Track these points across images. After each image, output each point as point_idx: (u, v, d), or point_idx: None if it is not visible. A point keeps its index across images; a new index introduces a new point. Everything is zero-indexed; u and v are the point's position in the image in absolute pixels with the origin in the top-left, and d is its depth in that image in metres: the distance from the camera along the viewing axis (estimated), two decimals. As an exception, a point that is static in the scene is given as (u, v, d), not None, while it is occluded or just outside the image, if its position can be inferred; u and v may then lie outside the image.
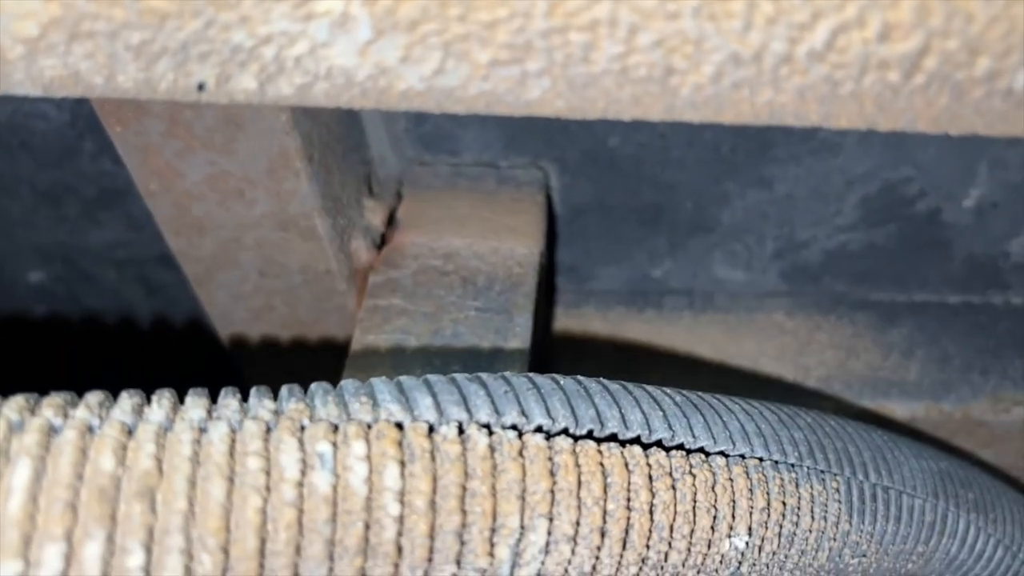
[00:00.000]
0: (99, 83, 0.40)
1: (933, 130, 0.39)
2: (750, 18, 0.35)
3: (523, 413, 0.49)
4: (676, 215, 0.85)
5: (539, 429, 0.49)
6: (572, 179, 0.83)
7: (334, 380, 0.75)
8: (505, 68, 0.37)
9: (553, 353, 0.89)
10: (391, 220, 0.80)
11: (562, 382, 0.53)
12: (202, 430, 0.43)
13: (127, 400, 0.43)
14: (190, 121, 0.62)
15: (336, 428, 0.44)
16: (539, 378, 0.53)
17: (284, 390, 0.48)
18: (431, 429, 0.46)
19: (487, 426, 0.47)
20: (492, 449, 0.46)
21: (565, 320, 0.91)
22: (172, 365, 1.10)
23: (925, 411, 0.82)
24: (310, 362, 0.81)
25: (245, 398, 0.48)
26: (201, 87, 0.40)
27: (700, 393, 0.60)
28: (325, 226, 0.69)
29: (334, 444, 0.43)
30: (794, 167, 0.80)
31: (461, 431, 0.46)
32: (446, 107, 0.40)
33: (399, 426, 0.45)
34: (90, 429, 0.41)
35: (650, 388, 0.57)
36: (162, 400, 0.44)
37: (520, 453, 0.46)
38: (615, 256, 0.89)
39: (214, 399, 0.47)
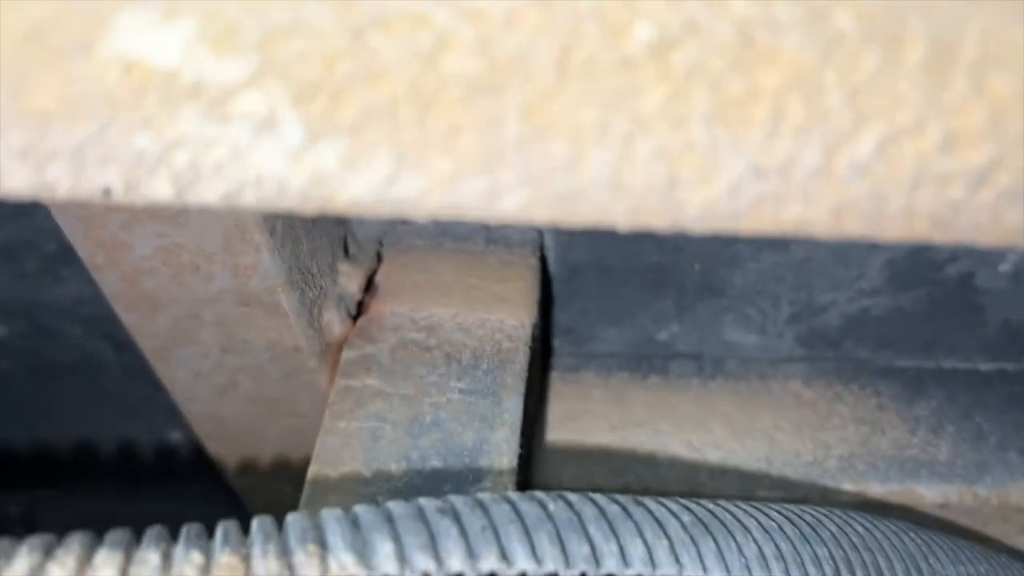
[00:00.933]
0: (-15, 187, 0.33)
1: (998, 244, 0.32)
2: (776, 125, 0.28)
3: (503, 556, 0.41)
4: (683, 277, 0.77)
5: (521, 576, 0.42)
6: (569, 239, 0.76)
7: (303, 464, 0.68)
8: (472, 179, 0.30)
9: (548, 425, 0.81)
10: (369, 284, 0.73)
11: (551, 508, 0.46)
12: (111, 599, 0.35)
13: (24, 559, 0.36)
14: (135, 192, 0.55)
15: (275, 591, 0.37)
16: (524, 503, 0.46)
17: (219, 531, 0.40)
18: (391, 585, 0.39)
19: (459, 577, 0.40)
20: (464, 609, 0.39)
21: (562, 386, 0.84)
22: (142, 424, 1.03)
23: (958, 495, 0.75)
24: (279, 442, 0.74)
25: (175, 531, 0.41)
26: (107, 192, 0.33)
27: (710, 505, 0.52)
28: (291, 301, 0.62)
29: (272, 614, 0.36)
30: (813, 228, 0.72)
31: (428, 585, 0.39)
32: (405, 215, 0.33)
33: (352, 584, 0.38)
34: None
35: (652, 505, 0.49)
36: (67, 559, 0.36)
37: (498, 612, 0.39)
38: (617, 317, 0.82)
39: (139, 537, 0.40)
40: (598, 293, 0.80)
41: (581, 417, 0.82)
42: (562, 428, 0.81)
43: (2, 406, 1.04)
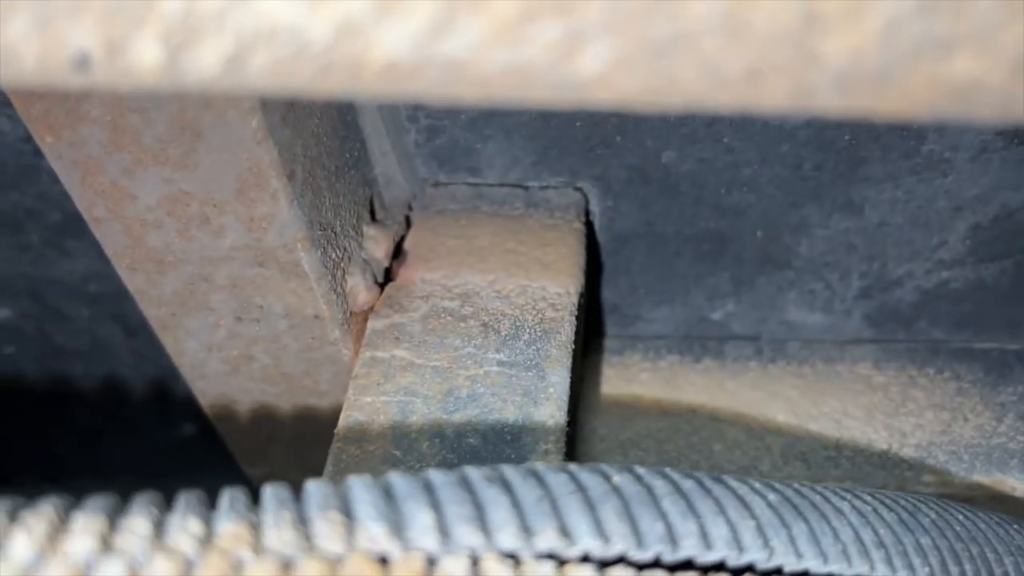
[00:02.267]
0: (-67, 55, 0.27)
1: None
2: (957, -70, 0.21)
3: (564, 532, 0.34)
4: (742, 246, 0.70)
5: (586, 557, 0.34)
6: (616, 202, 0.69)
7: (324, 448, 0.61)
8: (544, 24, 0.24)
9: (592, 410, 0.74)
10: (397, 251, 0.66)
11: (615, 479, 0.38)
12: (86, 573, 0.28)
13: (-15, 524, 0.29)
14: (137, 128, 0.49)
15: (289, 566, 0.30)
16: (585, 474, 0.38)
17: (225, 498, 0.33)
18: (430, 563, 0.32)
19: (512, 555, 0.33)
20: (519, 593, 0.32)
21: (606, 370, 0.77)
22: (154, 412, 0.96)
23: (1054, 489, 0.67)
24: (297, 423, 0.68)
25: (171, 498, 0.35)
26: (84, 60, 0.27)
27: (797, 486, 0.45)
28: (312, 261, 0.56)
29: (284, 594, 0.29)
30: (891, 189, 0.65)
31: (474, 563, 0.32)
32: (453, 90, 0.26)
33: (383, 560, 0.31)
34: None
35: (733, 483, 0.42)
36: (36, 524, 0.30)
37: (560, 598, 0.32)
38: (667, 294, 0.75)
39: (127, 503, 0.33)
40: (647, 266, 0.73)
41: (628, 403, 0.75)
42: (607, 414, 0.74)
43: (6, 394, 0.98)
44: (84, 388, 0.96)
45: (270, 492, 0.34)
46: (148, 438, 0.98)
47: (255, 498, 0.35)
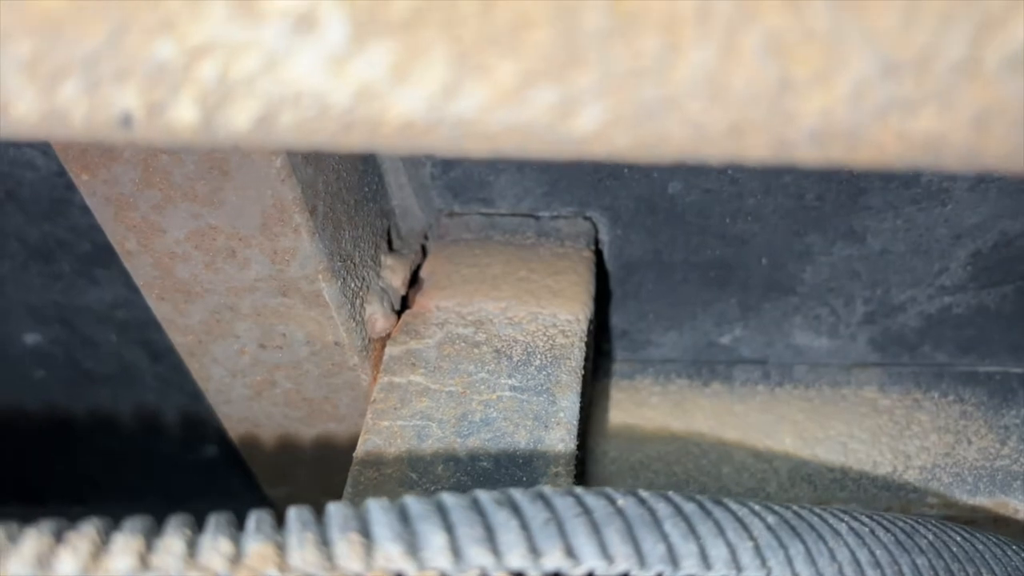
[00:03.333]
0: (-9, 116, 0.30)
1: None
2: (913, 11, 0.23)
3: (570, 552, 0.36)
4: (748, 273, 0.72)
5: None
6: (625, 231, 0.71)
7: (343, 470, 0.63)
8: (543, 89, 0.26)
9: (602, 434, 0.76)
10: (413, 280, 0.69)
11: (620, 502, 0.40)
12: (126, 589, 0.31)
13: (31, 544, 0.32)
14: (167, 168, 0.52)
15: (312, 583, 0.32)
16: (590, 497, 0.41)
17: (252, 520, 0.36)
18: (443, 581, 0.34)
19: (520, 575, 0.35)
20: (527, 609, 0.34)
21: (616, 393, 0.79)
22: (177, 435, 0.99)
23: (1057, 510, 0.68)
24: (317, 446, 0.70)
25: (202, 520, 0.37)
26: (127, 120, 0.29)
27: (795, 508, 0.47)
28: (332, 291, 0.58)
29: (308, 609, 0.31)
30: (891, 218, 0.67)
31: (485, 582, 0.34)
32: (462, 145, 0.29)
33: (399, 578, 0.33)
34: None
35: (733, 505, 0.44)
36: (80, 542, 0.32)
37: (565, 614, 0.34)
38: (676, 320, 0.77)
39: (161, 525, 0.35)
40: (656, 293, 0.75)
41: (638, 426, 0.77)
42: (617, 437, 0.76)
43: (38, 417, 1.01)
44: (111, 412, 0.99)
45: (294, 514, 0.36)
46: (172, 461, 1.01)
47: (280, 519, 0.37)
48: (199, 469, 1.00)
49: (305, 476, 0.74)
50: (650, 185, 0.67)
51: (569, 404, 0.59)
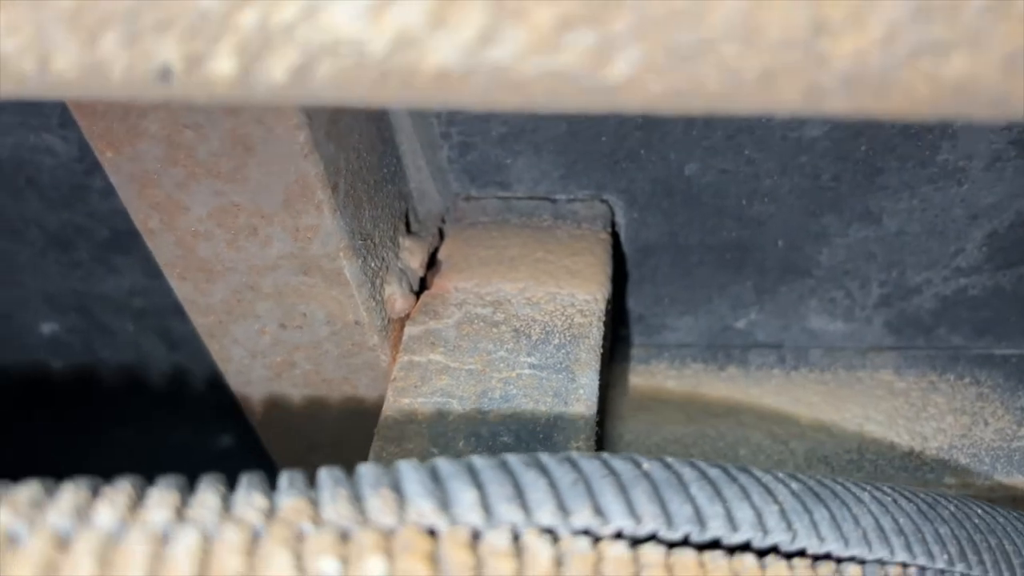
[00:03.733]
0: (32, 70, 0.30)
1: None
2: (948, -56, 0.24)
3: (598, 511, 0.37)
4: (764, 256, 0.72)
5: (619, 534, 0.37)
6: (641, 213, 0.71)
7: (363, 451, 0.64)
8: (579, 33, 0.26)
9: (619, 417, 0.76)
10: (431, 262, 0.69)
11: (646, 466, 0.41)
12: (164, 539, 0.31)
13: (67, 497, 0.32)
14: (192, 144, 0.52)
15: (346, 536, 0.32)
16: (617, 460, 0.41)
17: (283, 479, 0.36)
18: (475, 536, 0.34)
19: (550, 531, 0.35)
20: (558, 563, 0.34)
21: (633, 378, 0.79)
22: (192, 424, 1.00)
23: (1075, 490, 0.68)
24: (336, 427, 0.70)
25: (233, 479, 0.38)
26: (166, 74, 0.30)
27: (819, 477, 0.47)
28: (353, 269, 0.59)
29: (343, 560, 0.31)
30: (907, 198, 0.67)
31: (515, 538, 0.35)
32: (497, 95, 0.29)
33: (431, 533, 0.34)
34: (13, 540, 0.30)
35: (758, 472, 0.44)
36: (117, 496, 0.33)
37: (595, 569, 0.34)
38: (691, 304, 0.77)
39: (193, 484, 0.36)
40: (672, 276, 0.76)
41: (654, 410, 0.77)
42: (634, 420, 0.76)
43: (54, 406, 1.02)
44: (127, 401, 0.99)
45: (325, 473, 0.37)
46: (189, 448, 1.01)
47: (311, 480, 0.37)
48: (216, 456, 1.01)
49: (323, 457, 0.74)
50: (666, 167, 0.68)
51: (588, 381, 0.59)
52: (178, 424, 1.00)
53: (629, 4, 0.25)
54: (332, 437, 0.71)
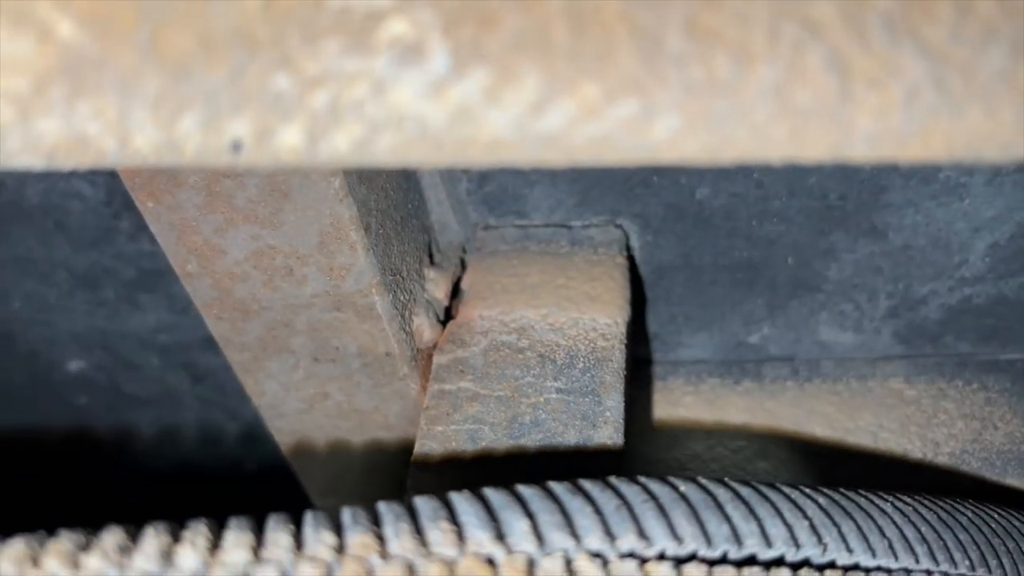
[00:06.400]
0: (112, 148, 0.32)
1: None
2: (960, 22, 0.26)
3: (642, 535, 0.39)
4: (775, 273, 0.75)
5: (662, 556, 0.39)
6: (655, 237, 0.74)
7: (396, 478, 0.66)
8: (623, 103, 0.29)
9: (638, 434, 0.79)
10: (455, 292, 0.71)
11: (683, 488, 0.43)
12: (246, 579, 0.33)
13: (151, 542, 0.34)
14: (230, 192, 0.55)
15: (412, 568, 0.35)
16: (655, 484, 0.43)
17: (346, 515, 0.38)
18: (530, 563, 0.36)
19: (599, 555, 0.38)
20: (610, 587, 0.36)
21: (651, 395, 0.81)
22: (221, 460, 1.02)
23: (1085, 490, 0.71)
24: (370, 455, 0.73)
25: (297, 517, 0.40)
26: (237, 147, 0.32)
27: (843, 490, 0.49)
28: (384, 304, 0.61)
29: (412, 591, 0.34)
30: (912, 214, 0.70)
31: (567, 563, 0.37)
32: (544, 158, 0.31)
33: (490, 562, 0.36)
34: (105, 584, 0.33)
35: (786, 488, 0.47)
36: (196, 539, 0.35)
37: (645, 590, 0.37)
38: (706, 321, 0.80)
39: (260, 524, 0.38)
40: (686, 295, 0.78)
41: (673, 424, 0.79)
42: (655, 436, 0.78)
43: (82, 441, 1.04)
44: (152, 434, 1.02)
45: (385, 507, 0.39)
46: (214, 479, 1.03)
47: (372, 515, 0.39)
48: (244, 485, 1.03)
49: (355, 485, 0.77)
50: (678, 191, 0.70)
51: (614, 404, 0.62)
52: (207, 453, 1.02)
53: (671, 79, 0.28)
54: (363, 464, 0.74)
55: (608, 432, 0.60)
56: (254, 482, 1.02)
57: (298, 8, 0.28)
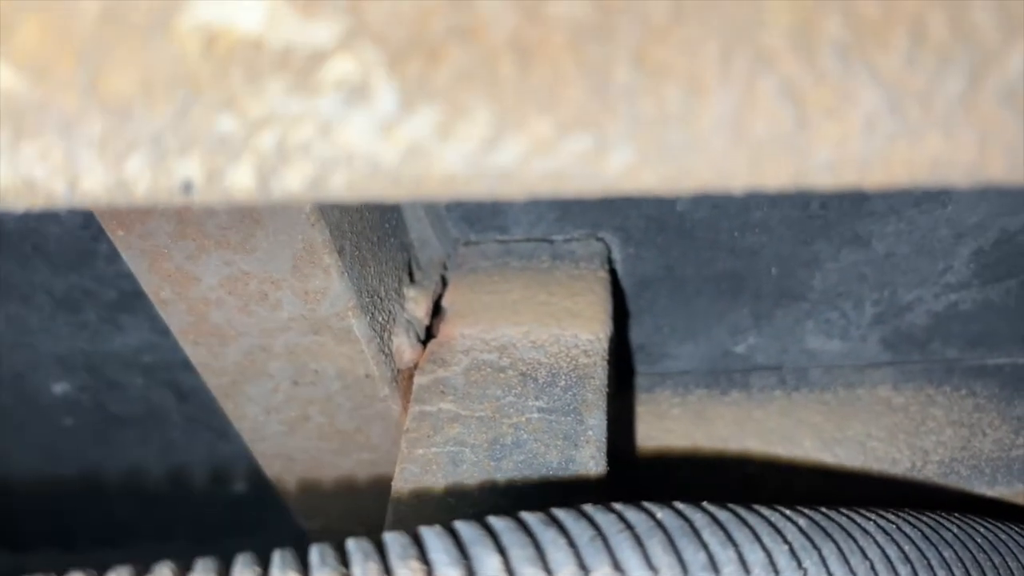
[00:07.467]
0: (62, 190, 0.32)
1: None
2: (915, 49, 0.26)
3: (617, 567, 0.38)
4: (759, 283, 0.74)
5: (638, 587, 0.38)
6: (637, 249, 0.73)
7: (378, 499, 0.65)
8: (576, 138, 0.28)
9: (624, 449, 0.78)
10: (436, 310, 0.71)
11: (659, 515, 0.42)
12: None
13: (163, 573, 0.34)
14: (201, 219, 0.54)
15: (380, 610, 0.34)
16: (631, 512, 0.43)
17: (314, 555, 0.38)
18: (502, 600, 0.36)
19: (573, 589, 0.37)
20: (582, 622, 0.36)
21: (638, 407, 0.81)
22: (205, 478, 1.01)
23: (1075, 496, 0.70)
24: (353, 476, 0.72)
25: (265, 557, 0.39)
26: (187, 187, 0.31)
27: (824, 510, 0.49)
28: (362, 326, 0.60)
29: (379, 634, 0.33)
30: (895, 221, 0.69)
31: (540, 598, 0.36)
32: (501, 192, 0.31)
33: (461, 600, 0.35)
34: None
35: (765, 511, 0.46)
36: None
37: (618, 625, 0.36)
38: (691, 332, 0.79)
39: (227, 564, 0.37)
40: (670, 307, 0.77)
41: (660, 437, 0.79)
42: (641, 449, 0.78)
43: (65, 463, 1.03)
44: (139, 454, 1.01)
45: (354, 545, 0.38)
46: (202, 499, 1.03)
47: (339, 551, 0.39)
48: (229, 506, 1.02)
49: (339, 506, 0.76)
50: (659, 204, 0.70)
51: (596, 422, 0.61)
52: (192, 473, 1.01)
53: (622, 112, 0.27)
54: (346, 486, 0.73)
55: (590, 452, 0.59)
56: (241, 502, 1.01)
57: (239, 48, 0.27)
